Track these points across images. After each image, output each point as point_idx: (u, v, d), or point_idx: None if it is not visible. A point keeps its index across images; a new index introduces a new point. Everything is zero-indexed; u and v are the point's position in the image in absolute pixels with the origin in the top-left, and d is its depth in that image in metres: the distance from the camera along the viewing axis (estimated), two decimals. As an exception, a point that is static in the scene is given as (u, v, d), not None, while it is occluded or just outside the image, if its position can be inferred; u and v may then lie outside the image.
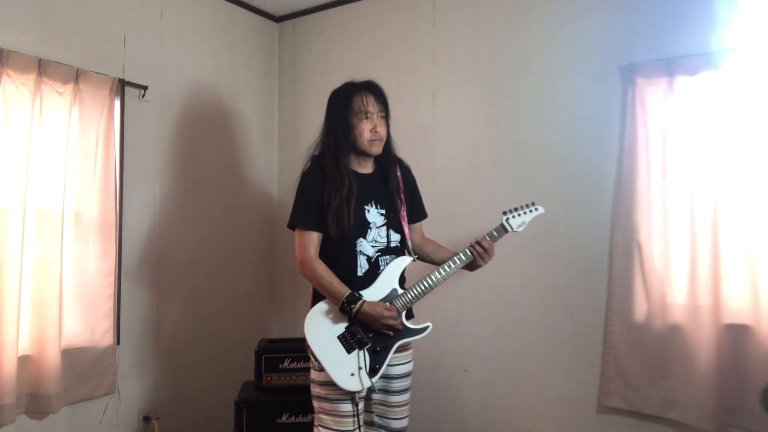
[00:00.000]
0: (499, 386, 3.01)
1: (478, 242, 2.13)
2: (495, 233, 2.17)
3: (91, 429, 2.86)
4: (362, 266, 2.13)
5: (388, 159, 2.23)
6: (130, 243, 3.05)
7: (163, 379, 3.19)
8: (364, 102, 2.11)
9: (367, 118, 2.11)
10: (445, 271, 2.11)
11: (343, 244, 2.11)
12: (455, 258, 2.13)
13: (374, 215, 2.16)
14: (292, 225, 2.17)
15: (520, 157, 2.98)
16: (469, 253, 2.13)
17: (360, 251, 2.13)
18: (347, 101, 2.12)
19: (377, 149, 2.16)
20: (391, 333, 2.06)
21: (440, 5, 3.27)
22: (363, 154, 2.17)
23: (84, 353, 2.78)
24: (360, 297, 2.04)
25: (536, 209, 2.22)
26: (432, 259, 2.31)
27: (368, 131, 2.12)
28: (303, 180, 2.19)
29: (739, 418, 2.41)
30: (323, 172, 2.12)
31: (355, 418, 2.03)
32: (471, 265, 2.17)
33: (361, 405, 2.10)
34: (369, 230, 2.14)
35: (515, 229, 2.18)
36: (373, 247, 2.14)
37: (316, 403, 2.14)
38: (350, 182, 2.09)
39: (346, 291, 2.04)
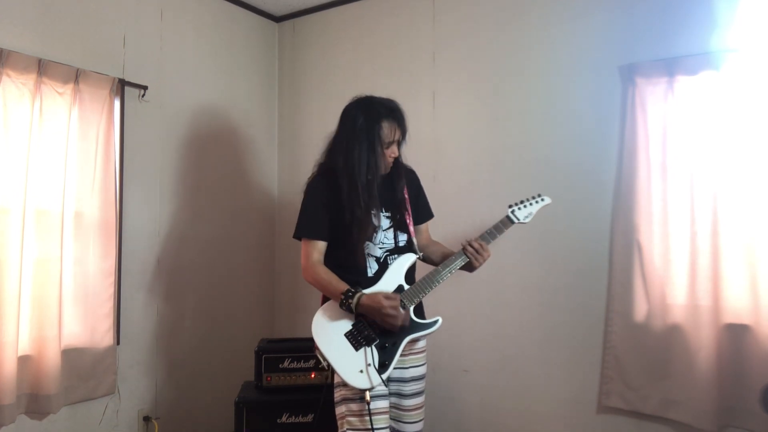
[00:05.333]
0: (499, 386, 3.01)
1: (469, 243, 2.12)
2: (501, 225, 2.17)
3: (91, 429, 2.87)
4: (372, 267, 2.15)
5: (395, 165, 2.23)
6: (130, 243, 3.05)
7: (163, 379, 3.19)
8: (393, 131, 2.12)
9: (389, 147, 2.13)
10: (445, 267, 2.11)
11: (351, 248, 2.12)
12: (452, 258, 2.13)
13: (381, 219, 2.17)
14: (298, 236, 2.19)
15: (520, 157, 2.98)
16: (462, 254, 2.13)
17: (368, 253, 2.15)
18: (376, 128, 2.09)
19: (387, 171, 2.18)
20: (396, 327, 2.03)
21: (440, 5, 3.27)
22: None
23: (84, 353, 2.78)
24: (358, 291, 2.04)
25: (542, 200, 2.23)
26: (433, 260, 2.32)
27: (389, 157, 2.15)
28: (308, 189, 2.20)
29: (739, 418, 2.41)
30: (335, 183, 2.11)
31: (368, 417, 2.01)
32: (468, 266, 2.15)
33: (383, 403, 2.07)
34: (376, 233, 2.15)
35: (522, 221, 2.18)
36: (380, 248, 2.16)
37: (342, 407, 2.10)
38: (370, 189, 2.10)
39: (344, 287, 2.06)
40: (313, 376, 2.83)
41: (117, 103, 2.94)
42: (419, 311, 2.19)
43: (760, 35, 2.36)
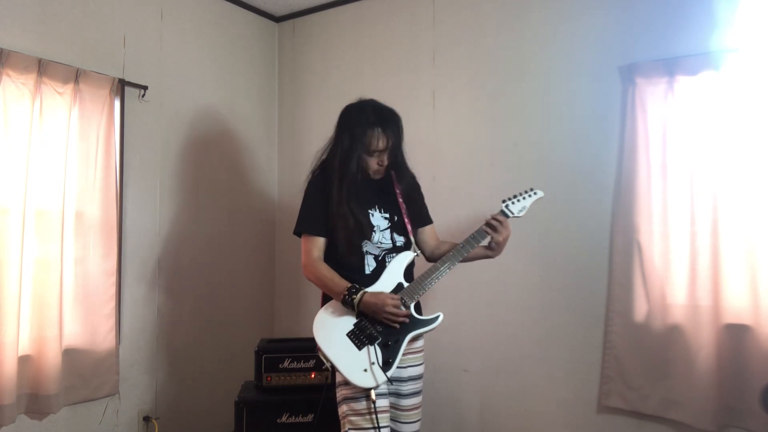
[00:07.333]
0: (499, 386, 3.01)
1: (493, 217, 2.16)
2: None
3: (91, 429, 2.87)
4: (369, 265, 2.16)
5: (396, 168, 2.25)
6: (131, 243, 3.05)
7: (163, 379, 3.19)
8: (378, 140, 2.12)
9: (374, 156, 2.15)
10: (443, 263, 2.12)
11: (349, 247, 2.13)
12: (468, 239, 2.15)
13: (378, 219, 2.19)
14: (298, 231, 2.21)
15: (520, 157, 2.98)
16: (482, 230, 2.15)
17: (366, 251, 2.16)
18: (362, 135, 2.11)
19: (379, 176, 2.21)
20: (396, 325, 2.04)
21: (440, 5, 3.27)
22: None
23: (86, 354, 2.78)
24: (360, 288, 2.05)
25: (535, 193, 2.25)
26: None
27: (375, 164, 2.17)
28: (308, 186, 2.23)
29: (739, 418, 2.41)
30: (328, 178, 2.15)
31: (374, 415, 2.01)
32: (489, 249, 2.19)
33: (384, 402, 2.07)
34: (373, 233, 2.16)
35: (516, 214, 2.20)
36: (378, 248, 2.17)
37: (344, 407, 2.10)
38: (355, 188, 2.12)
39: (347, 284, 2.07)
40: (313, 376, 2.83)
41: (117, 103, 2.94)
42: (417, 311, 2.18)
43: (760, 35, 2.36)
